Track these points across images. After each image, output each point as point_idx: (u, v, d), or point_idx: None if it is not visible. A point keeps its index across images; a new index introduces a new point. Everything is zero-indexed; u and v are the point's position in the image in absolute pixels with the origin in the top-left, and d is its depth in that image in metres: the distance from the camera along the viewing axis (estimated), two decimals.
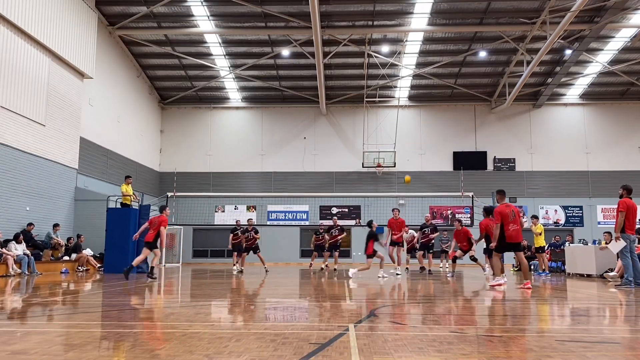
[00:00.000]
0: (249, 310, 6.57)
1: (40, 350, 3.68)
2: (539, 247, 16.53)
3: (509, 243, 10.00)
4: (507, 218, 9.94)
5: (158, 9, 21.21)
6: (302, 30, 22.01)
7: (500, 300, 8.15)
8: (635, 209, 10.20)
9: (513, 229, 9.91)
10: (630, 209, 10.08)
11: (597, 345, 4.10)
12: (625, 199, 10.22)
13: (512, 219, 9.94)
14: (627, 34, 22.91)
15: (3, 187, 15.39)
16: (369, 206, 26.88)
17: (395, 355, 3.56)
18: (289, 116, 28.92)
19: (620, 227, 10.00)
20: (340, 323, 5.13)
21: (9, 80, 15.61)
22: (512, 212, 10.01)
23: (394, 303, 7.41)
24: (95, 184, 21.07)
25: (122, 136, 23.95)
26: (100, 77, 21.63)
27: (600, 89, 27.72)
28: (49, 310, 6.39)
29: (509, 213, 9.96)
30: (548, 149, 28.07)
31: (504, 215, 9.96)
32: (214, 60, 25.60)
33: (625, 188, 10.44)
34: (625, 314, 6.56)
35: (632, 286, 9.91)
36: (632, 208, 10.12)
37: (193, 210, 25.06)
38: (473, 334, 4.56)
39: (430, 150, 28.33)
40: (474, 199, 18.85)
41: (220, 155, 28.68)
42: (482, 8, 21.10)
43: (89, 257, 17.40)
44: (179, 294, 9.14)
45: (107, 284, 10.90)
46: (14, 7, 15.47)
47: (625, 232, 10.09)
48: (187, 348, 3.77)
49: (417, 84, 27.63)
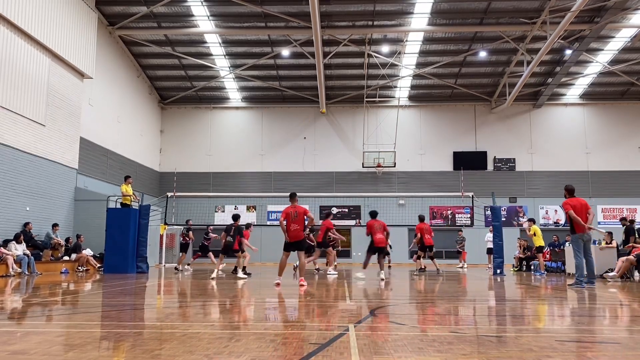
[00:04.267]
0: (249, 311, 6.56)
1: (40, 350, 3.67)
2: (538, 247, 16.60)
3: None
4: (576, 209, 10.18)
5: (158, 9, 21.20)
6: (302, 30, 22.01)
7: (501, 300, 8.15)
8: (581, 206, 10.29)
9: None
10: (576, 207, 10.21)
11: (597, 345, 4.10)
12: (567, 200, 10.37)
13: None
14: (627, 34, 22.90)
15: (3, 187, 15.39)
16: (369, 206, 26.81)
17: (395, 355, 3.56)
18: (289, 116, 28.92)
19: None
20: (340, 323, 5.13)
21: (9, 80, 15.60)
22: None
23: (393, 303, 7.41)
24: (95, 184, 21.07)
25: (122, 136, 23.94)
26: (100, 77, 21.62)
27: (600, 89, 27.72)
28: (49, 311, 6.39)
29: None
30: (548, 149, 28.06)
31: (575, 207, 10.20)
32: (214, 60, 25.60)
33: (565, 189, 10.63)
34: (625, 314, 6.56)
35: (582, 286, 9.99)
36: (577, 206, 10.23)
37: (193, 210, 25.05)
38: (473, 334, 4.56)
39: (430, 150, 28.33)
40: (474, 199, 18.84)
41: (220, 155, 28.68)
42: (482, 8, 21.10)
43: (89, 257, 17.39)
44: (179, 294, 9.14)
45: (107, 284, 10.90)
46: (14, 7, 15.46)
47: (576, 232, 10.17)
48: (187, 348, 3.77)
49: (417, 84, 27.63)
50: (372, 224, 12.68)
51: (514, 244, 20.77)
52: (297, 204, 10.47)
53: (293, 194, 10.67)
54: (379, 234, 12.43)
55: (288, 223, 10.19)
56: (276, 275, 10.49)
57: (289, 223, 10.18)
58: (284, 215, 10.27)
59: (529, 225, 16.89)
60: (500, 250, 16.08)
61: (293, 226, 10.13)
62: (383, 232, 12.55)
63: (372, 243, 12.59)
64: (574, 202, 10.29)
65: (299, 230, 10.17)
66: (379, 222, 12.70)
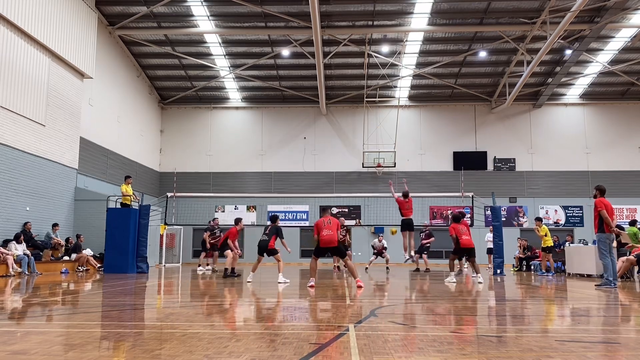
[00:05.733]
0: (249, 310, 6.56)
1: (40, 350, 3.67)
2: (546, 247, 16.49)
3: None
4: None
5: (158, 9, 21.20)
6: (302, 30, 22.01)
7: (501, 300, 8.15)
8: (611, 207, 10.35)
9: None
10: (607, 207, 10.23)
11: (597, 345, 4.10)
12: (600, 199, 10.31)
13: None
14: (627, 34, 22.90)
15: (3, 187, 15.39)
16: (369, 206, 26.90)
17: (395, 355, 3.56)
18: (289, 116, 28.91)
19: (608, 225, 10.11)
20: (340, 323, 5.13)
21: (9, 80, 15.60)
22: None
23: (394, 303, 7.41)
24: (95, 184, 21.07)
25: (122, 136, 23.94)
26: (100, 77, 21.62)
27: (600, 89, 27.72)
28: (49, 310, 6.39)
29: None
30: (548, 149, 28.06)
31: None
32: (214, 60, 25.60)
33: (598, 188, 10.57)
34: (624, 314, 6.56)
35: (612, 286, 9.93)
36: (609, 207, 10.27)
37: (193, 210, 25.05)
38: (473, 334, 4.56)
39: (430, 150, 28.33)
40: (474, 199, 18.84)
41: (220, 155, 28.68)
42: (482, 8, 21.10)
43: (89, 257, 17.39)
44: (179, 294, 9.14)
45: (107, 284, 10.90)
46: (14, 7, 15.46)
47: (605, 231, 10.16)
48: (187, 348, 3.77)
49: (417, 84, 27.63)
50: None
51: (514, 244, 20.79)
52: (331, 217, 10.56)
53: (324, 209, 11.02)
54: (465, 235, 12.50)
55: (321, 229, 10.19)
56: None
57: (321, 229, 10.19)
58: (317, 227, 10.30)
59: (538, 225, 16.71)
60: (500, 250, 16.09)
61: (326, 231, 10.12)
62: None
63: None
64: (606, 202, 10.29)
65: (333, 235, 10.11)
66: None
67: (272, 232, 11.97)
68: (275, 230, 12.02)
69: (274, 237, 11.85)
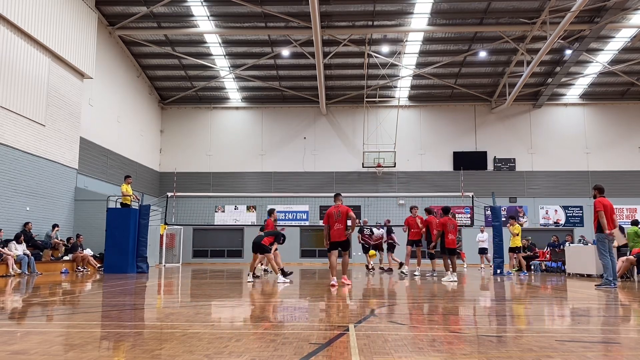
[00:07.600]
0: (249, 310, 6.56)
1: (40, 350, 3.68)
2: (514, 247, 16.80)
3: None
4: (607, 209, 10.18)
5: (158, 9, 21.20)
6: (302, 30, 22.01)
7: (500, 300, 8.15)
8: (611, 207, 10.32)
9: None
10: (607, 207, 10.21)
11: (597, 345, 4.10)
12: (599, 199, 10.30)
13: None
14: (627, 34, 22.90)
15: (3, 187, 15.39)
16: (369, 206, 26.86)
17: (395, 355, 3.56)
18: (289, 116, 28.92)
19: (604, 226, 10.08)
20: (340, 323, 5.13)
21: (9, 80, 15.61)
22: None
23: (394, 303, 7.41)
24: (95, 184, 21.07)
25: (122, 136, 23.94)
26: (100, 77, 21.62)
27: (600, 89, 27.72)
28: (49, 310, 6.38)
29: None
30: (548, 149, 28.07)
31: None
32: (214, 60, 25.60)
33: (596, 188, 10.55)
34: (624, 314, 6.56)
35: (612, 286, 9.91)
36: (609, 207, 10.25)
37: (193, 210, 25.05)
38: (473, 334, 4.56)
39: (430, 150, 28.33)
40: (474, 199, 18.83)
41: (220, 155, 28.69)
42: (482, 8, 21.10)
43: (89, 257, 17.39)
44: (179, 294, 9.14)
45: (107, 284, 10.90)
46: (14, 7, 15.46)
47: (603, 231, 10.14)
48: (187, 348, 3.77)
49: (417, 84, 27.63)
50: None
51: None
52: (341, 204, 10.46)
53: (337, 194, 10.79)
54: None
55: (332, 222, 10.16)
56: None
57: (332, 222, 10.15)
58: (327, 217, 10.22)
59: (511, 224, 16.96)
60: (500, 250, 16.07)
61: (337, 225, 10.10)
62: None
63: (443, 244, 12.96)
64: (605, 202, 10.25)
65: (342, 229, 10.10)
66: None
67: (272, 234, 11.83)
68: (275, 234, 11.90)
69: (272, 237, 11.72)
